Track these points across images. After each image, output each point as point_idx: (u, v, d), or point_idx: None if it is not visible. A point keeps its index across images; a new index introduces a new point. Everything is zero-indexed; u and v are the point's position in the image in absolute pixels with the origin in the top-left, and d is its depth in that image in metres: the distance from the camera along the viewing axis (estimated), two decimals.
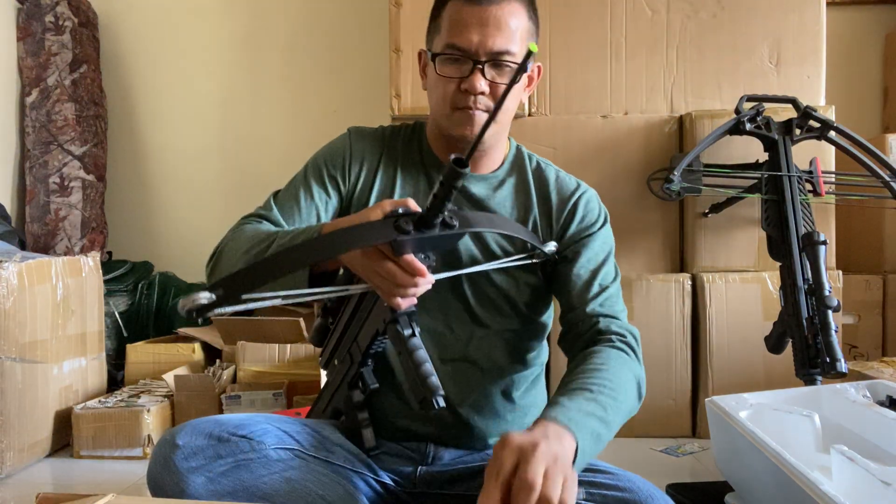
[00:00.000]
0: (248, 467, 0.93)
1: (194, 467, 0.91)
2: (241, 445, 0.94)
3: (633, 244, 2.08)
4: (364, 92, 2.80)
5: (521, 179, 1.13)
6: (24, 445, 1.74)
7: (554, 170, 1.16)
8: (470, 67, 1.00)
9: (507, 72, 1.01)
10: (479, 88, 1.00)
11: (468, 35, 0.99)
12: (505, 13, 1.00)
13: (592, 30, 2.14)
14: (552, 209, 1.11)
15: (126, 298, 2.57)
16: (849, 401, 1.27)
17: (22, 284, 1.74)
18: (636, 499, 0.86)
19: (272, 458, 0.95)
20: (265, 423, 0.99)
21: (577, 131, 2.10)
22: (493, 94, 1.01)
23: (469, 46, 0.99)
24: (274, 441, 0.97)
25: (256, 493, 0.92)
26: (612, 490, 0.87)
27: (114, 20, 2.90)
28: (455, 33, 1.00)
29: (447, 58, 1.02)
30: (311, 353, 1.99)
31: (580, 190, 1.13)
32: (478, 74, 1.00)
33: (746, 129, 1.90)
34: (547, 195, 1.12)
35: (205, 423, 0.96)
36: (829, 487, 0.89)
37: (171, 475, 0.91)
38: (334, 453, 1.01)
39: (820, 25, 2.11)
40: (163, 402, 1.92)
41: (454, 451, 1.08)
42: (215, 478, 0.91)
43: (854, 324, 2.26)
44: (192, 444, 0.92)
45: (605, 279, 1.06)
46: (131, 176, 2.92)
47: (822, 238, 1.63)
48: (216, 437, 0.94)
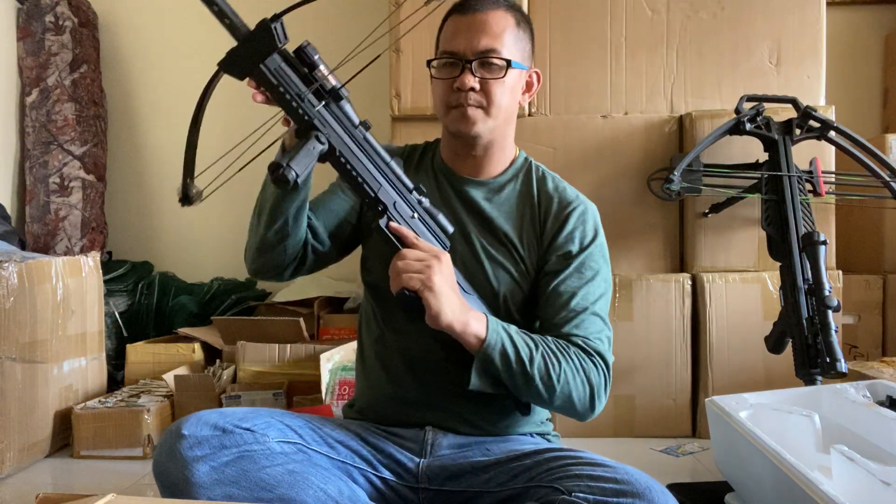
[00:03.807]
0: (251, 458, 0.96)
1: (199, 456, 0.94)
2: (245, 437, 0.97)
3: (633, 244, 2.08)
4: (364, 92, 2.79)
5: (527, 189, 1.18)
6: (24, 445, 1.74)
7: (557, 180, 1.20)
8: (460, 68, 1.10)
9: (495, 69, 1.10)
10: (467, 85, 1.08)
11: (457, 40, 1.11)
12: (490, 18, 1.11)
13: (592, 30, 2.14)
14: (548, 217, 1.15)
15: (126, 298, 2.57)
16: (849, 401, 1.27)
17: (22, 284, 1.74)
18: (634, 490, 0.87)
19: (275, 450, 0.98)
20: (268, 416, 1.02)
21: (577, 131, 2.10)
22: (485, 91, 1.10)
23: (458, 49, 1.10)
24: (277, 434, 1.00)
25: (259, 483, 0.94)
26: (610, 483, 0.88)
27: (114, 20, 2.90)
28: (447, 41, 1.13)
29: (441, 62, 1.13)
30: (311, 353, 1.99)
31: (576, 202, 1.17)
32: (467, 73, 1.09)
33: (746, 129, 1.90)
34: (546, 204, 1.16)
35: (210, 414, 0.99)
36: (829, 487, 0.89)
37: (177, 464, 0.93)
38: (335, 449, 1.04)
39: (820, 25, 2.11)
40: (163, 402, 1.92)
41: (452, 438, 1.09)
42: (219, 467, 0.94)
43: (854, 324, 2.26)
44: (198, 434, 0.95)
45: (585, 299, 1.08)
46: (131, 176, 2.92)
47: (822, 238, 1.63)
48: (221, 428, 0.97)
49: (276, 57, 0.93)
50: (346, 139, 0.98)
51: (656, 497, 0.87)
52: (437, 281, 0.95)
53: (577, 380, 1.02)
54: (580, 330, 1.06)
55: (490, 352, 0.98)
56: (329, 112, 0.98)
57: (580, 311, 1.07)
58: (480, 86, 1.09)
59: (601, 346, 1.06)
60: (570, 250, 1.12)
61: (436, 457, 1.07)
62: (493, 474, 1.02)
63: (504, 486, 1.00)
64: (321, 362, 1.90)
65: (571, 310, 1.07)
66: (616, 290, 2.00)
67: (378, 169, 1.01)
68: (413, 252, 0.98)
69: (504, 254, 1.13)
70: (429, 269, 0.96)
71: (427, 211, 1.04)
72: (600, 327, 1.08)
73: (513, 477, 1.00)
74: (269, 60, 0.93)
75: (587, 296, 1.08)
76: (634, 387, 1.99)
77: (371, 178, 1.00)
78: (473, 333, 0.98)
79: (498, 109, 1.11)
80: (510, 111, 1.14)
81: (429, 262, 0.96)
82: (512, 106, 1.14)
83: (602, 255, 1.14)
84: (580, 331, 1.06)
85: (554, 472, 0.95)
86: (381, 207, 1.00)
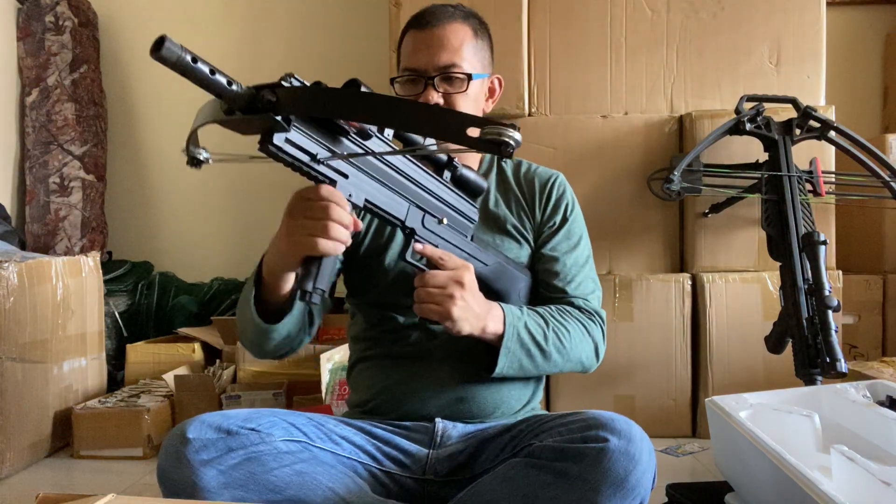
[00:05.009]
0: (259, 460, 0.95)
1: (206, 460, 0.92)
2: (251, 438, 0.96)
3: (633, 244, 2.08)
4: None
5: (501, 178, 1.24)
6: (24, 445, 1.74)
7: (528, 162, 1.28)
8: (423, 84, 1.13)
9: (456, 83, 1.13)
10: (432, 100, 1.11)
11: (417, 57, 1.13)
12: (447, 32, 1.13)
13: (592, 30, 2.14)
14: (534, 194, 1.21)
15: (126, 298, 2.57)
16: (849, 401, 1.27)
17: (22, 284, 1.74)
18: (598, 422, 0.92)
19: (282, 450, 0.97)
20: (271, 416, 1.01)
21: (577, 131, 2.10)
22: (449, 105, 1.13)
23: (419, 66, 1.13)
24: (282, 433, 0.99)
25: (267, 485, 0.93)
26: (578, 423, 0.94)
27: (114, 20, 2.90)
28: (408, 58, 1.15)
29: (404, 79, 1.15)
30: (311, 353, 1.99)
31: (556, 175, 1.25)
32: (430, 89, 1.12)
33: (746, 129, 1.90)
34: (528, 182, 1.23)
35: (212, 417, 0.97)
36: (829, 487, 0.89)
37: (183, 469, 0.92)
38: (340, 445, 1.04)
39: (820, 25, 2.11)
40: (163, 402, 1.92)
41: (461, 427, 1.11)
42: (227, 470, 0.93)
43: (854, 324, 2.26)
44: (203, 438, 0.94)
45: (576, 263, 1.19)
46: (131, 176, 2.93)
47: (822, 238, 1.63)
48: (225, 430, 0.95)
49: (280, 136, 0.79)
50: (366, 182, 0.89)
51: (619, 425, 0.91)
52: (456, 312, 0.98)
53: (584, 342, 1.13)
54: (578, 291, 1.17)
55: (509, 344, 1.05)
56: (346, 162, 0.86)
57: (575, 273, 1.18)
58: (444, 100, 1.12)
59: (596, 305, 1.19)
60: (556, 220, 1.21)
61: (445, 447, 1.08)
62: (488, 453, 1.05)
63: (495, 460, 1.03)
64: (321, 362, 1.90)
65: (567, 274, 1.17)
66: (616, 290, 2.00)
67: (401, 188, 0.94)
68: (436, 278, 0.99)
69: (509, 240, 1.18)
70: (449, 301, 0.98)
71: (458, 179, 1.02)
72: (593, 287, 1.20)
73: (502, 448, 1.03)
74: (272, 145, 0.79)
75: (578, 259, 1.19)
76: (634, 387, 1.99)
77: (397, 208, 0.94)
78: (492, 332, 1.04)
79: None
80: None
81: (450, 291, 0.98)
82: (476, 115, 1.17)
83: (581, 219, 1.25)
84: (578, 292, 1.17)
85: (534, 430, 1.00)
86: (408, 231, 0.98)
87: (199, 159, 0.82)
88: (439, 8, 1.16)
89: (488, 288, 1.09)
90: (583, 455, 0.89)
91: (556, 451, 0.91)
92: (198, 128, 0.80)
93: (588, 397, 1.99)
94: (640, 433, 0.92)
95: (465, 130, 0.66)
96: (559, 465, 0.90)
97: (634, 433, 0.91)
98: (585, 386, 2.00)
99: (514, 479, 0.93)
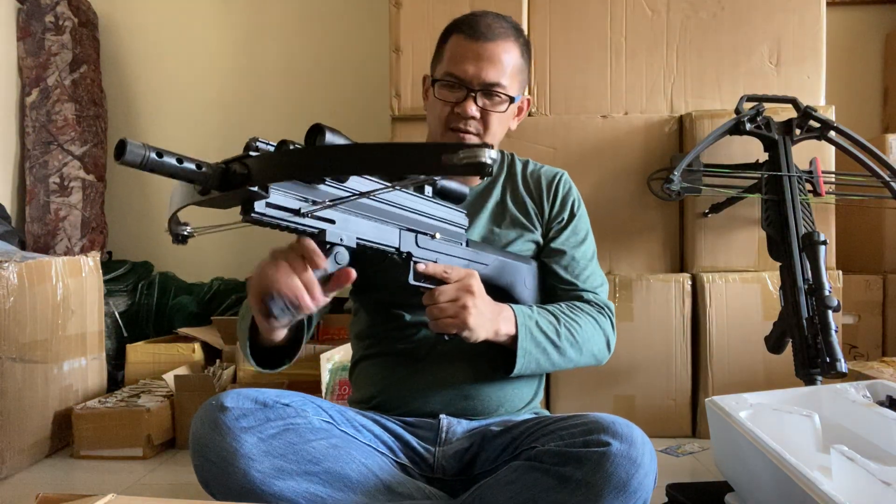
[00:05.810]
0: (297, 431, 0.97)
1: (246, 427, 0.94)
2: (288, 411, 0.98)
3: (633, 244, 2.08)
4: (364, 92, 2.80)
5: (510, 172, 1.26)
6: (24, 445, 1.74)
7: (531, 162, 1.30)
8: (464, 94, 1.13)
9: (497, 101, 1.14)
10: (470, 113, 1.12)
11: (465, 66, 1.12)
12: (500, 50, 1.13)
13: (592, 30, 2.14)
14: (541, 193, 1.24)
15: (126, 298, 2.57)
16: (849, 401, 1.27)
17: (22, 284, 1.74)
18: (600, 426, 0.92)
19: (316, 425, 1.00)
20: (300, 397, 1.04)
21: (577, 131, 2.10)
22: (484, 121, 1.14)
23: (465, 76, 1.12)
24: (314, 411, 1.02)
25: (306, 456, 0.95)
26: (579, 427, 0.94)
27: (114, 20, 2.90)
28: (454, 63, 1.13)
29: (445, 83, 1.14)
30: (311, 353, 1.99)
31: (561, 173, 1.28)
32: (470, 101, 1.12)
33: (746, 129, 1.90)
34: (535, 180, 1.25)
35: (247, 390, 1.00)
36: (829, 487, 0.89)
37: (222, 435, 0.93)
38: (361, 432, 1.06)
39: (820, 25, 2.11)
40: (163, 403, 1.92)
41: (466, 423, 1.11)
42: (266, 439, 0.94)
43: (854, 324, 2.26)
44: (242, 407, 0.96)
45: (584, 257, 1.22)
46: (131, 176, 2.92)
47: (822, 238, 1.63)
48: (262, 402, 0.97)
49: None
50: (353, 222, 0.89)
51: (620, 429, 0.91)
52: (472, 321, 1.00)
53: (595, 335, 1.15)
54: (587, 284, 1.20)
55: (525, 343, 1.07)
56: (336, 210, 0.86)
57: (584, 267, 1.21)
58: (481, 115, 1.13)
59: (605, 298, 1.22)
60: (564, 216, 1.23)
61: (450, 444, 1.08)
62: (489, 452, 1.06)
63: (497, 460, 1.04)
64: (321, 362, 1.90)
65: (576, 268, 1.20)
66: (616, 290, 2.00)
67: (388, 216, 0.93)
68: (445, 292, 1.00)
69: (517, 234, 1.21)
70: (463, 311, 0.99)
71: (441, 191, 1.01)
72: (601, 281, 1.23)
73: (503, 448, 1.04)
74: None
75: (585, 253, 1.23)
76: (634, 387, 1.99)
77: (389, 237, 0.94)
78: (505, 334, 1.06)
79: (492, 138, 1.17)
80: (501, 137, 1.20)
81: (463, 302, 1.00)
82: (503, 132, 1.20)
83: (586, 215, 1.28)
84: (587, 285, 1.20)
85: (536, 433, 1.01)
86: (405, 255, 0.98)
87: (184, 235, 0.85)
88: (494, 21, 1.15)
89: (493, 285, 1.09)
90: (585, 459, 0.89)
91: (558, 456, 0.92)
92: (176, 212, 0.82)
93: (588, 397, 1.99)
94: (642, 436, 0.92)
95: (441, 159, 0.65)
96: (561, 470, 0.90)
97: (636, 437, 0.91)
98: (585, 386, 2.00)
99: (516, 482, 0.94)
